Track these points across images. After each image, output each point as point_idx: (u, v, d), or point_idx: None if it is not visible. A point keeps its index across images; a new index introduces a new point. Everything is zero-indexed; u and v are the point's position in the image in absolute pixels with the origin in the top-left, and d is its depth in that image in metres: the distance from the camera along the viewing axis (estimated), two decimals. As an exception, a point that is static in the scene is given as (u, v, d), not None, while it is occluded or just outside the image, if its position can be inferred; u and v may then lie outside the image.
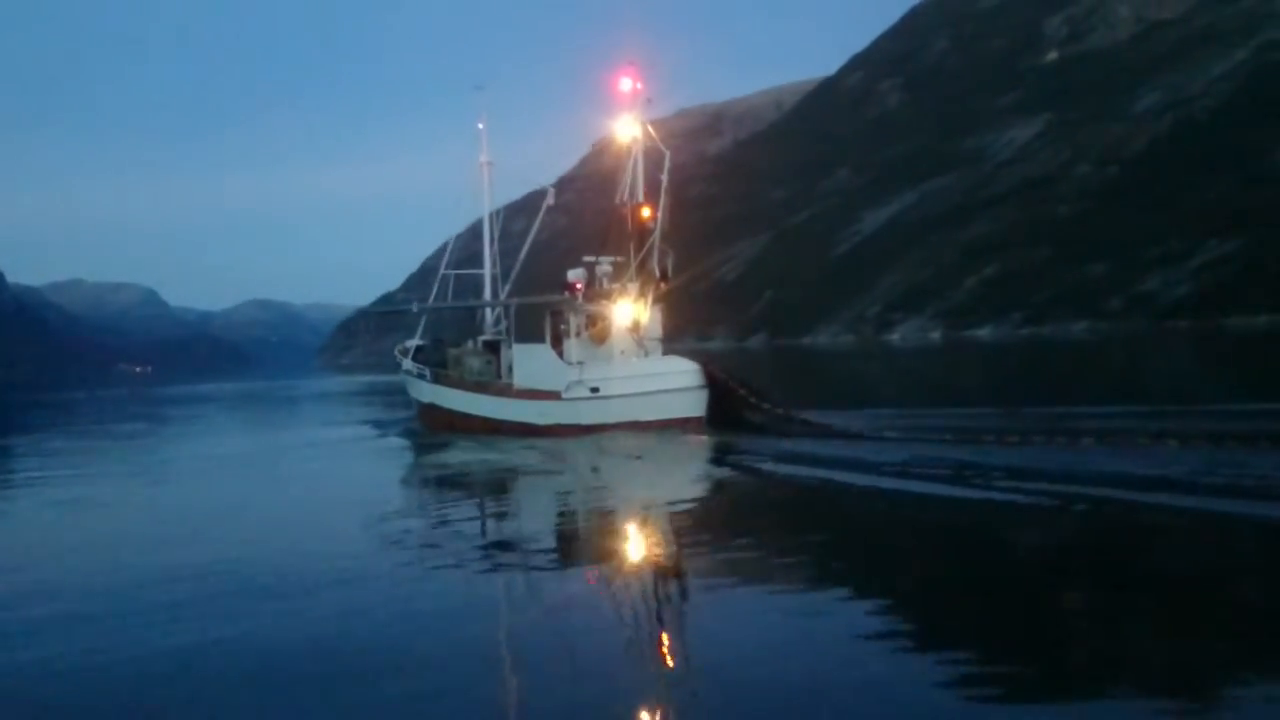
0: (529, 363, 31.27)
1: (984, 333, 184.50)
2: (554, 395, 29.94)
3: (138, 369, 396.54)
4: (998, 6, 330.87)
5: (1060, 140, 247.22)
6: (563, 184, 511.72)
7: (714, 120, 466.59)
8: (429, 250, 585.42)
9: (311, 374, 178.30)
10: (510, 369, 32.73)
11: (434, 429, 33.63)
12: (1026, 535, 14.12)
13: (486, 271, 37.92)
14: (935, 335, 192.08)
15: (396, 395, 75.13)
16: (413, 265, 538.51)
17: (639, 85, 31.64)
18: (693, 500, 18.76)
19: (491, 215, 38.54)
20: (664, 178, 30.74)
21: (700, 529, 15.56)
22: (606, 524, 16.73)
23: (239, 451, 33.40)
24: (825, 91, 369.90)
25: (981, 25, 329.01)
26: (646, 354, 30.87)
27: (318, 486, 22.57)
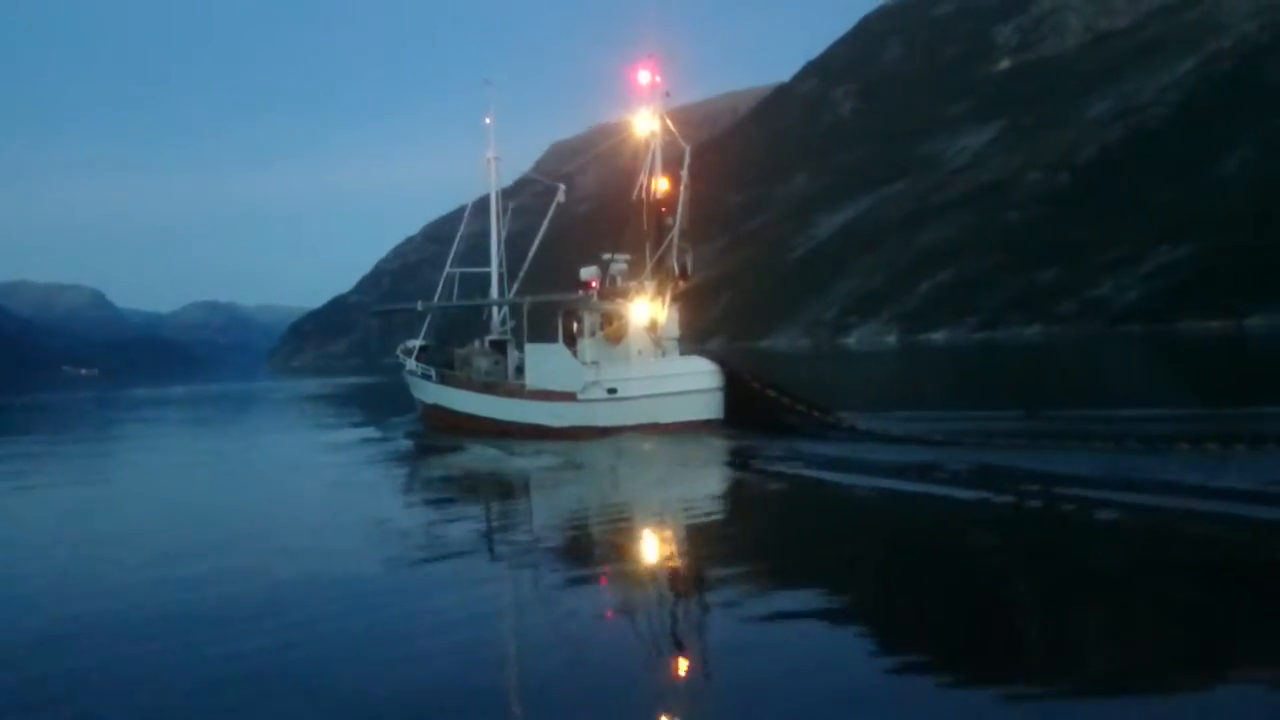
0: (543, 363, 29.98)
1: (938, 337, 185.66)
2: (569, 396, 28.79)
3: (84, 371, 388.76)
4: (949, 15, 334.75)
5: (1012, 147, 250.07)
6: (520, 186, 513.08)
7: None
8: (381, 252, 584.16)
9: (265, 376, 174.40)
10: (518, 369, 31.68)
11: (439, 431, 32.38)
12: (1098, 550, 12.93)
13: (493, 270, 36.58)
14: (890, 339, 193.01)
15: (376, 396, 75.67)
16: (365, 267, 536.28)
17: (658, 78, 30.49)
18: (717, 507, 18.01)
19: (499, 211, 37.15)
20: (684, 173, 29.59)
21: (724, 537, 14.87)
22: (632, 533, 15.76)
23: (271, 457, 31.53)
24: (780, 98, 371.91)
25: (934, 33, 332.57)
26: (664, 354, 29.75)
27: (339, 498, 20.81)
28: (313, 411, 57.74)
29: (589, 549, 14.13)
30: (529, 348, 30.68)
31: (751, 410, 27.00)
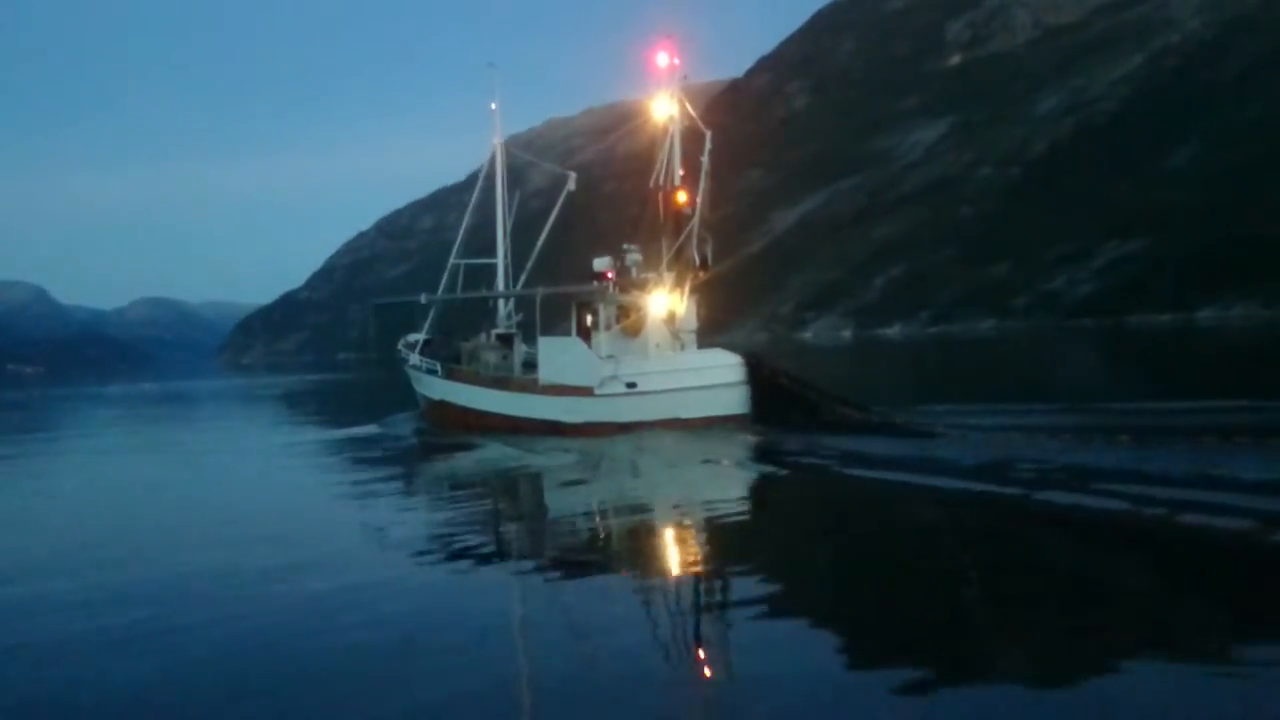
0: (557, 357, 28.75)
1: (893, 331, 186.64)
2: (586, 391, 27.62)
3: (29, 370, 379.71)
4: (901, 10, 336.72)
5: (964, 142, 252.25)
6: (474, 180, 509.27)
7: (622, 120, 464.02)
8: (332, 247, 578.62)
9: (216, 374, 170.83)
10: (525, 364, 30.71)
11: (446, 428, 31.15)
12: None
13: (500, 261, 35.21)
14: (846, 333, 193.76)
15: (357, 393, 74.35)
16: (316, 262, 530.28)
17: (676, 60, 29.43)
18: (746, 506, 17.25)
19: (505, 201, 35.79)
20: (705, 160, 28.45)
21: (750, 538, 14.13)
22: (660, 535, 14.98)
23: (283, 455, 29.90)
24: (734, 93, 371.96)
25: (885, 29, 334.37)
26: (682, 347, 28.97)
27: (355, 502, 19.59)
28: (303, 409, 56.02)
29: (613, 549, 13.79)
30: (542, 341, 29.57)
31: (779, 405, 25.99)
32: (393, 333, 38.08)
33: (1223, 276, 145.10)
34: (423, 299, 35.22)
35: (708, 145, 28.43)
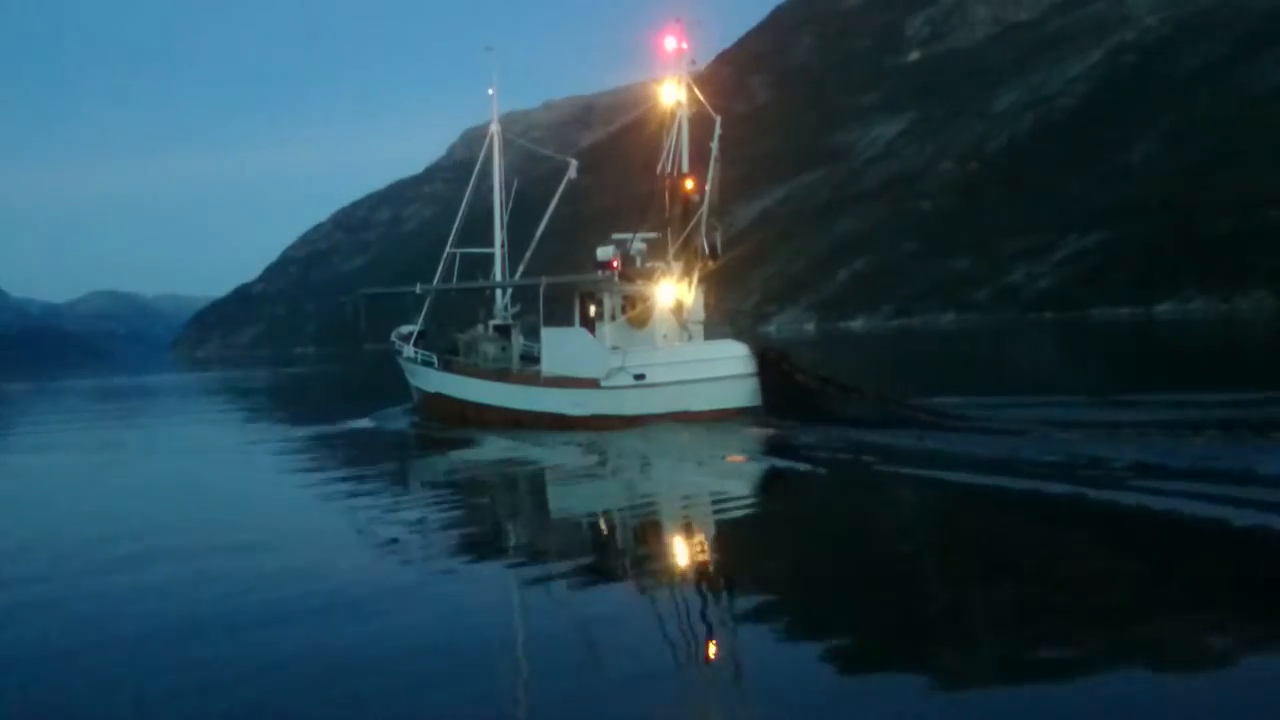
0: (561, 348, 28.17)
1: (856, 324, 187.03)
2: (591, 383, 26.96)
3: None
4: (860, 6, 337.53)
5: (924, 138, 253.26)
6: (431, 173, 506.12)
7: (583, 112, 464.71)
8: (287, 240, 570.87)
9: (172, 368, 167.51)
10: (523, 356, 30.18)
11: (443, 421, 30.28)
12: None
13: (497, 250, 34.35)
14: (809, 327, 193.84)
15: (334, 386, 72.39)
16: (271, 255, 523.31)
17: (684, 45, 28.85)
18: (764, 503, 16.78)
19: (503, 188, 34.72)
20: (714, 146, 28.00)
21: (765, 536, 13.80)
22: (675, 534, 14.39)
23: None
24: (696, 85, 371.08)
25: (845, 24, 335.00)
26: (690, 338, 28.17)
27: (358, 499, 18.71)
28: (288, 404, 55.01)
29: (621, 548, 13.36)
30: (545, 332, 28.93)
31: (793, 397, 25.42)
32: (368, 325, 36.84)
33: (1181, 271, 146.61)
34: (418, 289, 34.18)
35: (717, 131, 27.91)
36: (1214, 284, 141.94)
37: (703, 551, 13.08)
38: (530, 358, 30.37)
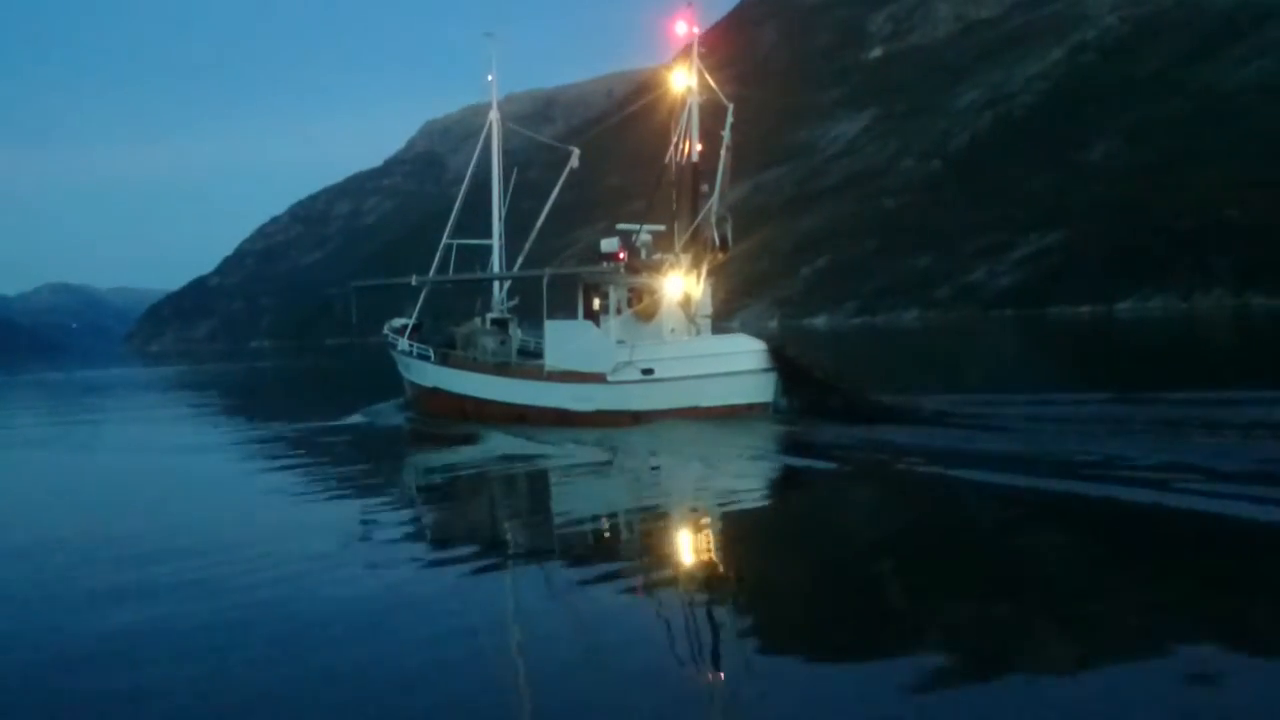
0: (567, 341, 27.17)
1: (819, 322, 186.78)
2: (597, 378, 26.06)
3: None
4: (823, 3, 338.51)
5: (886, 135, 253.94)
6: (390, 166, 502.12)
7: (545, 107, 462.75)
8: (244, 233, 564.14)
9: (126, 361, 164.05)
10: (520, 350, 29.57)
11: (440, 417, 29.33)
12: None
13: (495, 241, 33.40)
14: (773, 324, 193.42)
15: (311, 380, 71.57)
16: (227, 247, 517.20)
17: (695, 29, 28.31)
18: (783, 503, 16.26)
19: (502, 178, 33.78)
20: (725, 134, 27.33)
21: (781, 538, 13.36)
22: (693, 536, 13.61)
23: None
24: (658, 80, 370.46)
25: (808, 21, 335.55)
26: (697, 332, 27.63)
27: (360, 498, 17.72)
28: (272, 400, 53.43)
29: (636, 551, 12.75)
30: (549, 325, 27.90)
31: (808, 395, 24.99)
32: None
33: (1141, 269, 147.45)
34: (413, 281, 32.91)
35: (729, 119, 27.29)
36: (1174, 282, 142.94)
37: (712, 555, 12.52)
38: (528, 352, 29.64)
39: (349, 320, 35.47)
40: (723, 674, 8.11)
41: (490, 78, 34.88)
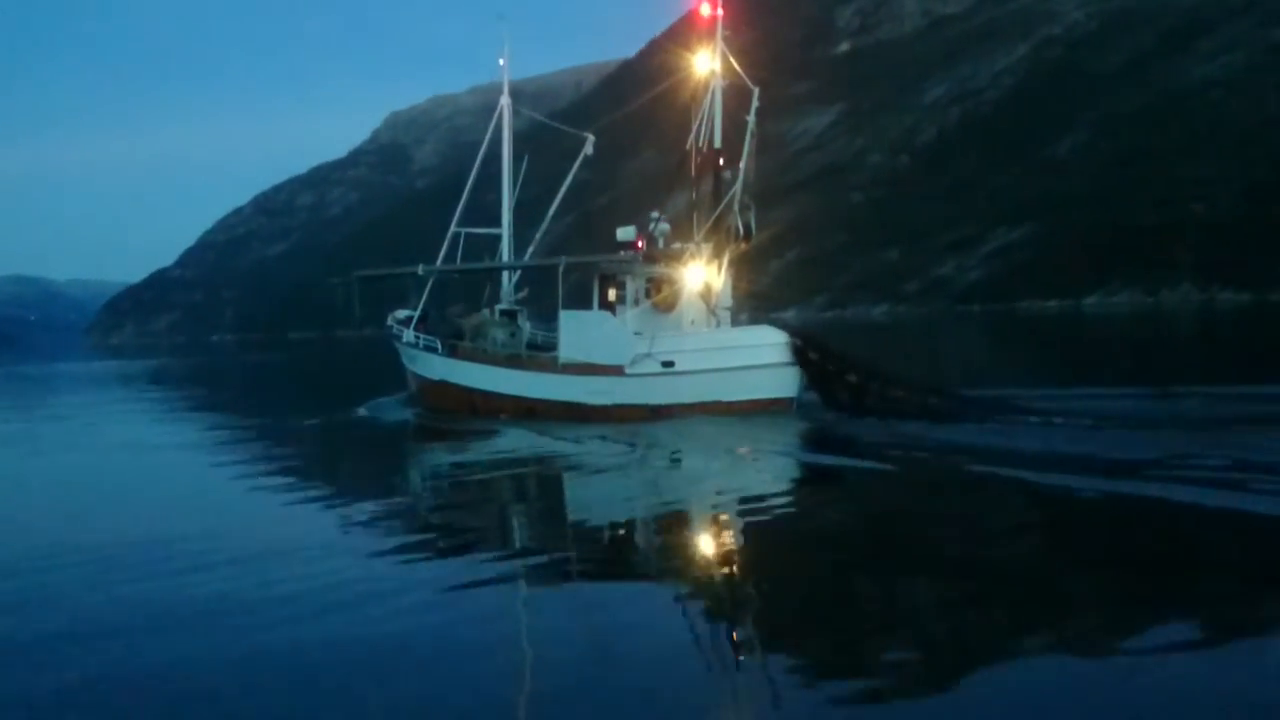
0: (582, 332, 26.15)
1: (789, 315, 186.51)
2: (615, 370, 25.13)
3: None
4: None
5: (854, 129, 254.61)
6: (355, 156, 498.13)
7: (511, 98, 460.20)
8: (205, 224, 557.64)
9: (93, 355, 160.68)
10: (529, 343, 28.57)
11: (447, 411, 28.19)
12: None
13: (505, 230, 32.07)
14: (743, 318, 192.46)
15: (290, 375, 69.37)
16: (189, 239, 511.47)
17: (719, 11, 27.16)
18: (817, 506, 15.22)
19: (510, 162, 32.41)
20: (750, 119, 26.42)
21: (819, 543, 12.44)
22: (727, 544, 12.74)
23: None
24: (625, 74, 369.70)
25: (776, 15, 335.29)
26: (718, 324, 26.72)
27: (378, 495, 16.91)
28: (264, 393, 51.85)
29: (654, 556, 12.08)
30: (564, 315, 26.85)
31: (834, 389, 24.14)
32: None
33: (1108, 264, 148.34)
34: (420, 270, 31.57)
35: (754, 103, 26.39)
36: (1140, 277, 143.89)
37: (738, 567, 11.55)
38: (536, 346, 28.70)
39: (350, 312, 34.23)
40: (742, 698, 7.55)
41: (502, 61, 33.92)
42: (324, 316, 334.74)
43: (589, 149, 32.24)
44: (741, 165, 26.00)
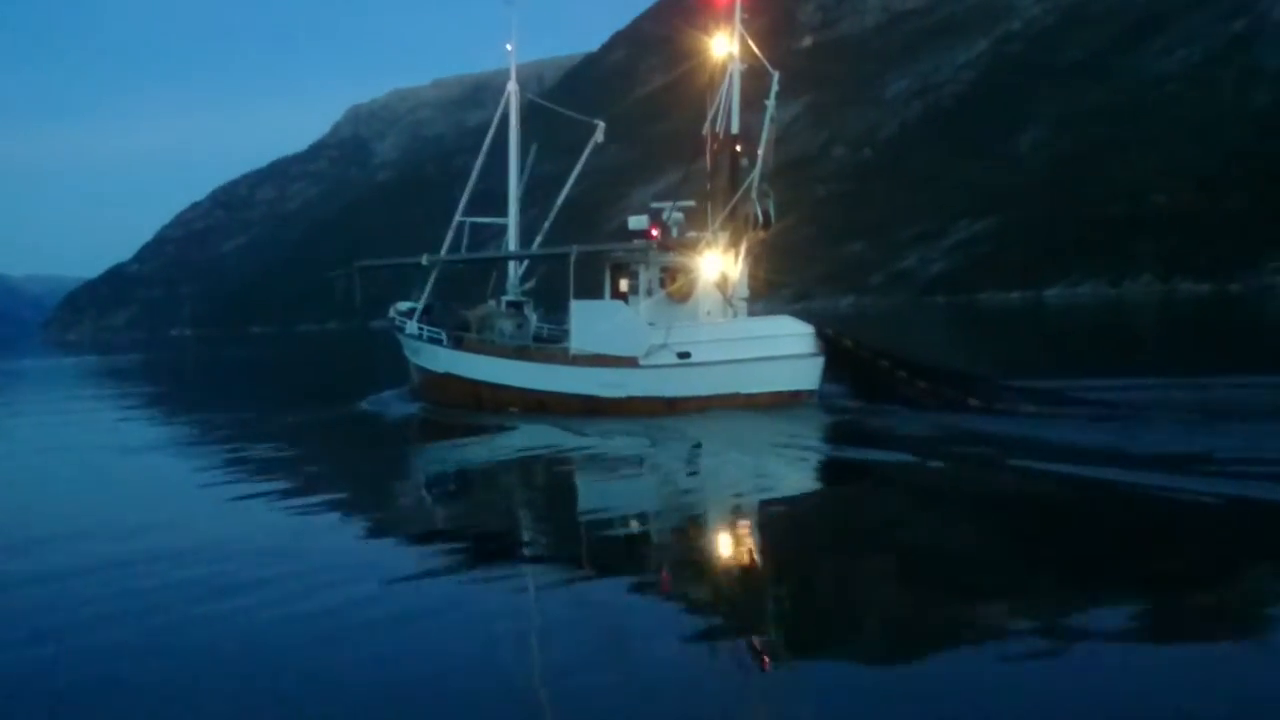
0: (595, 323, 25.31)
1: (757, 308, 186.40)
2: (629, 362, 24.38)
3: None
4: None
5: (817, 123, 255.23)
6: (316, 150, 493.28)
7: (473, 91, 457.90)
8: (163, 218, 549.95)
9: (49, 351, 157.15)
10: (536, 336, 27.90)
11: (451, 405, 27.43)
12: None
13: (512, 219, 31.29)
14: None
15: (276, 371, 68.27)
16: (147, 234, 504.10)
17: None
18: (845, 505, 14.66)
19: (519, 151, 31.64)
20: (769, 103, 26.11)
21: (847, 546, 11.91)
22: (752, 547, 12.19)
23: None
24: (589, 67, 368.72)
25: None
26: (735, 315, 26.01)
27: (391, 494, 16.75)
28: (260, 387, 50.91)
29: (671, 559, 11.47)
30: (576, 305, 26.04)
31: (862, 381, 23.86)
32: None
33: (1069, 255, 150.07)
34: (424, 260, 30.78)
35: (774, 87, 26.14)
36: (1102, 268, 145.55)
37: (752, 565, 11.21)
38: (543, 339, 28.07)
39: (350, 303, 33.39)
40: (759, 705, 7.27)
41: (509, 46, 32.97)
42: (285, 311, 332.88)
43: (599, 136, 31.77)
44: (760, 151, 25.56)
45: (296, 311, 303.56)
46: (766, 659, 8.00)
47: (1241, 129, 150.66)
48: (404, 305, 30.99)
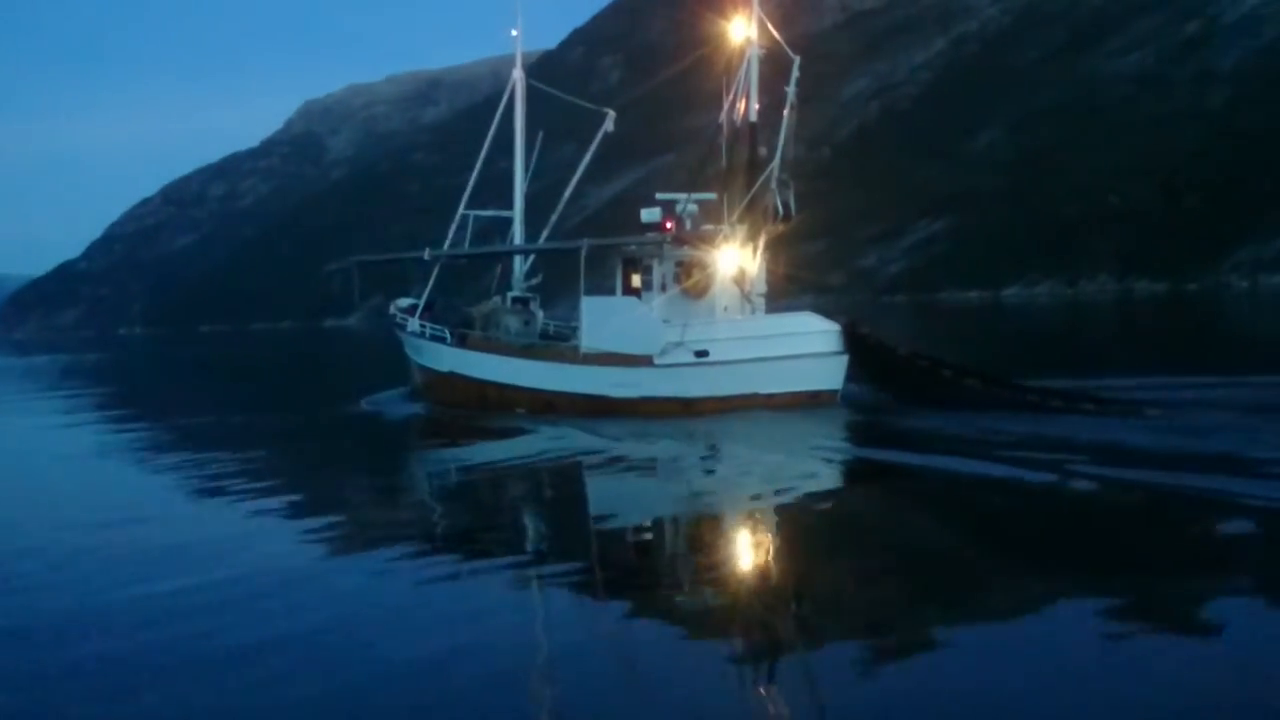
0: (607, 320, 24.32)
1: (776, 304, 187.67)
2: (644, 361, 23.41)
3: None
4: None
5: (775, 122, 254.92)
6: (268, 146, 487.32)
7: (428, 88, 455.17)
8: (112, 215, 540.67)
9: (4, 350, 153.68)
10: (543, 333, 27.18)
11: (455, 405, 26.41)
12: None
13: (517, 213, 30.39)
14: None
15: (268, 369, 67.18)
16: (95, 231, 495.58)
17: None
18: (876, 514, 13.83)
19: (525, 144, 30.80)
20: (790, 90, 25.36)
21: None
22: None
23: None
24: (546, 65, 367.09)
25: (696, 8, 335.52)
26: (753, 311, 25.09)
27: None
28: (249, 388, 48.94)
29: (686, 570, 10.95)
30: (586, 301, 24.99)
31: (896, 381, 23.03)
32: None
33: (1027, 255, 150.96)
34: (426, 255, 29.30)
35: (795, 74, 25.38)
36: (1059, 268, 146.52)
37: (775, 576, 10.62)
38: (549, 336, 27.29)
39: (350, 298, 32.29)
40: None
41: (515, 33, 32.22)
42: (237, 309, 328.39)
43: (609, 125, 31.12)
44: (780, 140, 24.79)
45: (249, 310, 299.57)
46: (778, 668, 7.72)
47: (1197, 129, 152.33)
48: (404, 302, 29.99)
